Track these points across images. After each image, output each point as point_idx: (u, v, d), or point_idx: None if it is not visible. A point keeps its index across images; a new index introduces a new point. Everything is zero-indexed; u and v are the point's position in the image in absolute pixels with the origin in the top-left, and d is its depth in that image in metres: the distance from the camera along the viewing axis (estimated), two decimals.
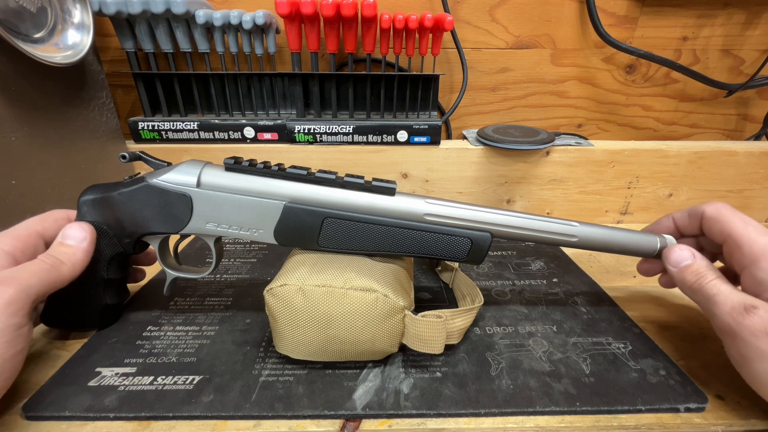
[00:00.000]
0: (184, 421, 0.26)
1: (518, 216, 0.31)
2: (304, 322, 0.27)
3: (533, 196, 0.57)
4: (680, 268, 0.29)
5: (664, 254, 0.31)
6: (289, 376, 0.29)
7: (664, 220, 0.35)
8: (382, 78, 0.52)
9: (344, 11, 0.45)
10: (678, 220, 0.34)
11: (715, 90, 0.60)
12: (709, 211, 0.30)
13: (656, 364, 0.30)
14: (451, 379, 0.29)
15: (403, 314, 0.28)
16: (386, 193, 0.30)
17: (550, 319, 0.36)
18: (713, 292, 0.27)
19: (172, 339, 0.32)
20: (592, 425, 0.26)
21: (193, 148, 0.54)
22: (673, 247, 0.31)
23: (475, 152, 0.54)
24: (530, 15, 0.55)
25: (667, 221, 0.35)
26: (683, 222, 0.33)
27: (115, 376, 0.28)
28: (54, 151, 0.41)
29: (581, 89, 0.61)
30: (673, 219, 0.34)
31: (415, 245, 0.30)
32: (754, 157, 0.55)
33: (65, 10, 0.40)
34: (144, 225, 0.30)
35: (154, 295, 0.38)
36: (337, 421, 0.26)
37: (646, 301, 0.40)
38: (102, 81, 0.48)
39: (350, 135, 0.53)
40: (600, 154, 0.55)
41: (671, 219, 0.34)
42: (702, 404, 0.27)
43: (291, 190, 0.29)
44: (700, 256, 0.29)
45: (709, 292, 0.27)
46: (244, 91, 0.54)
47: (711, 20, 0.56)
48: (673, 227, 0.34)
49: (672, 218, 0.34)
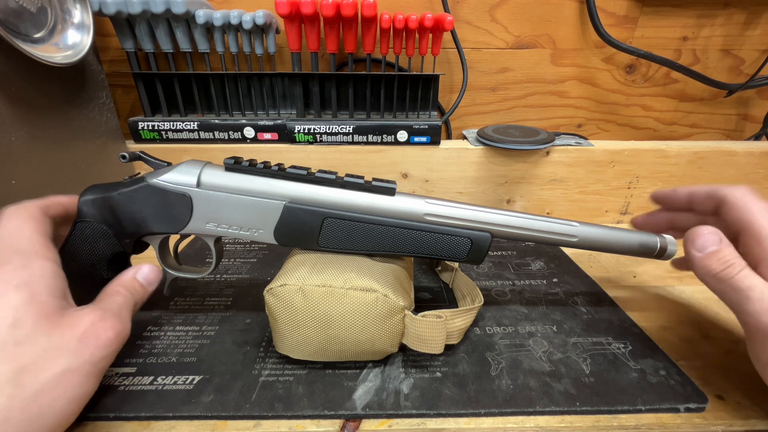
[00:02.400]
0: (184, 421, 0.26)
1: (518, 216, 0.31)
2: (304, 322, 0.27)
3: (533, 196, 0.57)
4: (706, 254, 0.27)
5: (688, 236, 0.28)
6: (289, 376, 0.29)
7: (681, 190, 0.33)
8: (382, 78, 0.52)
9: (344, 11, 0.45)
10: (696, 195, 0.32)
11: (715, 90, 0.60)
12: (732, 196, 0.28)
13: (656, 364, 0.30)
14: (451, 379, 0.29)
15: (403, 314, 0.28)
16: (386, 193, 0.30)
17: (550, 319, 0.36)
18: (745, 284, 0.24)
19: (172, 339, 0.32)
20: (592, 425, 0.26)
21: (193, 148, 0.54)
22: (700, 230, 0.27)
23: (475, 152, 0.54)
24: (530, 15, 0.55)
25: (684, 191, 0.33)
26: (700, 198, 0.31)
27: (115, 376, 0.28)
28: (54, 151, 0.41)
29: (581, 89, 0.61)
30: (691, 192, 0.32)
31: (415, 245, 0.30)
32: (754, 157, 0.55)
33: (65, 10, 0.40)
34: (144, 225, 0.30)
35: (154, 295, 0.37)
36: (337, 421, 0.26)
37: (646, 301, 0.40)
38: (102, 81, 0.48)
39: (350, 135, 0.53)
40: (600, 154, 0.55)
41: (689, 191, 0.32)
42: (702, 404, 0.27)
43: (291, 190, 0.29)
44: (727, 242, 0.27)
45: (739, 285, 0.25)
46: (244, 91, 0.54)
47: (711, 20, 0.56)
48: (686, 200, 0.32)
49: (691, 191, 0.32)
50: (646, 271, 0.46)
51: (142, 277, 0.29)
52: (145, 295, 0.28)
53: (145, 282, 0.29)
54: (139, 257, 0.34)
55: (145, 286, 0.29)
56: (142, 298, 0.28)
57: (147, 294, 0.29)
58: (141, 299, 0.28)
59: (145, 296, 0.29)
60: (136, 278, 0.28)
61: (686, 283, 0.43)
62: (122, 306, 0.25)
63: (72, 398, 0.21)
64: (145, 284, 0.29)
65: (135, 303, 0.27)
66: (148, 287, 0.29)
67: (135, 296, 0.27)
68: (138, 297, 0.28)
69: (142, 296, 0.28)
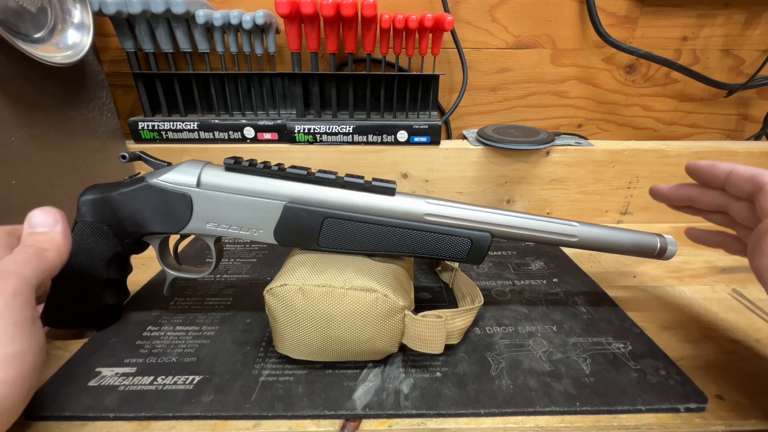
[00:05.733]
0: (184, 421, 0.26)
1: (518, 216, 0.31)
2: (304, 322, 0.27)
3: (533, 196, 0.57)
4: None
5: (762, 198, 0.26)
6: (289, 376, 0.29)
7: (722, 165, 0.31)
8: (382, 78, 0.52)
9: (344, 11, 0.45)
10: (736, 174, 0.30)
11: (715, 90, 0.60)
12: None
13: (656, 364, 0.30)
14: (451, 379, 0.29)
15: (403, 314, 0.28)
16: (386, 193, 0.30)
17: (550, 319, 0.36)
18: None
19: (172, 339, 0.32)
20: (592, 425, 0.26)
21: (193, 148, 0.54)
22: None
23: (475, 152, 0.54)
24: (530, 15, 0.55)
25: (724, 167, 0.30)
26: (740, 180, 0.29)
27: (115, 376, 0.28)
28: (54, 151, 0.41)
29: (581, 89, 0.61)
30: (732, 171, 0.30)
31: (415, 245, 0.30)
32: (754, 157, 0.55)
33: (65, 10, 0.40)
34: (144, 225, 0.30)
35: (154, 295, 0.38)
36: (337, 421, 0.26)
37: (646, 301, 0.40)
38: (102, 81, 0.47)
39: (350, 135, 0.53)
40: (600, 154, 0.55)
41: (730, 168, 0.30)
42: (702, 404, 0.27)
43: (291, 190, 0.29)
44: None
45: None
46: (244, 91, 0.54)
47: (711, 20, 0.56)
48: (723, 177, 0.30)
49: (732, 169, 0.30)
50: (646, 271, 0.46)
51: (37, 226, 0.25)
52: (53, 238, 0.25)
53: (44, 227, 0.25)
54: (139, 257, 0.34)
55: (47, 230, 0.25)
56: (52, 243, 0.25)
57: (58, 234, 0.25)
58: (50, 244, 0.25)
59: (56, 237, 0.25)
60: (32, 231, 0.25)
61: (686, 283, 0.43)
62: (6, 262, 0.22)
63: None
64: (45, 229, 0.25)
65: (39, 251, 0.24)
66: (52, 229, 0.25)
67: (35, 246, 0.24)
68: (42, 243, 0.24)
69: (49, 242, 0.25)
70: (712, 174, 0.31)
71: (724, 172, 0.30)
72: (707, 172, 0.32)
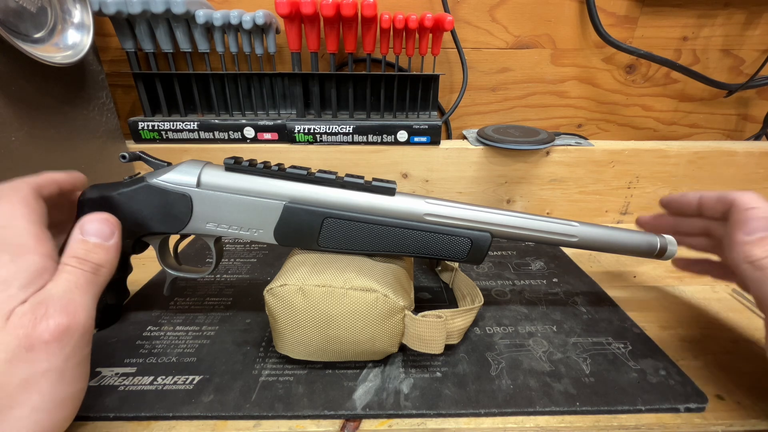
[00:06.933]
0: (184, 421, 0.26)
1: (518, 216, 0.31)
2: (304, 322, 0.27)
3: (533, 196, 0.57)
4: (754, 239, 0.26)
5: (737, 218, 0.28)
6: (289, 376, 0.29)
7: (690, 195, 0.33)
8: (382, 78, 0.52)
9: (344, 11, 0.45)
10: (705, 199, 0.32)
11: (715, 90, 0.60)
12: (740, 200, 0.28)
13: (656, 364, 0.30)
14: (451, 379, 0.29)
15: (403, 314, 0.28)
16: (386, 193, 0.30)
17: (550, 319, 0.36)
18: None
19: (172, 339, 0.32)
20: (592, 425, 0.26)
21: (193, 148, 0.54)
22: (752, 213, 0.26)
23: (475, 152, 0.54)
24: (530, 15, 0.55)
25: (693, 196, 0.33)
26: (710, 203, 0.31)
27: (115, 376, 0.28)
28: (54, 151, 0.41)
29: (581, 89, 0.61)
30: (701, 197, 0.32)
31: (415, 245, 0.30)
32: (754, 157, 0.55)
33: (65, 10, 0.40)
34: (144, 225, 0.30)
35: (154, 295, 0.38)
36: (337, 421, 0.26)
37: (646, 301, 0.40)
38: (102, 81, 0.48)
39: (350, 135, 0.53)
40: (600, 154, 0.55)
41: (698, 196, 0.32)
42: (702, 404, 0.27)
43: (291, 190, 0.29)
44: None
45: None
46: (244, 91, 0.54)
47: (711, 20, 0.56)
48: (695, 205, 0.33)
49: (700, 196, 0.32)
50: (646, 271, 0.46)
51: (92, 235, 0.23)
52: (107, 253, 0.23)
53: (100, 238, 0.23)
54: (139, 257, 0.34)
55: (102, 243, 0.23)
56: (107, 259, 0.23)
57: (110, 250, 0.23)
58: (105, 260, 0.23)
59: (111, 251, 0.23)
60: (86, 240, 0.23)
61: (686, 283, 0.43)
62: (69, 289, 0.21)
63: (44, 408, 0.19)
64: (100, 241, 0.23)
65: (96, 268, 0.22)
66: (107, 242, 0.23)
67: (91, 262, 0.22)
68: (97, 259, 0.22)
69: (104, 257, 0.23)
70: (685, 203, 0.34)
71: (695, 199, 0.33)
72: (680, 202, 0.35)
